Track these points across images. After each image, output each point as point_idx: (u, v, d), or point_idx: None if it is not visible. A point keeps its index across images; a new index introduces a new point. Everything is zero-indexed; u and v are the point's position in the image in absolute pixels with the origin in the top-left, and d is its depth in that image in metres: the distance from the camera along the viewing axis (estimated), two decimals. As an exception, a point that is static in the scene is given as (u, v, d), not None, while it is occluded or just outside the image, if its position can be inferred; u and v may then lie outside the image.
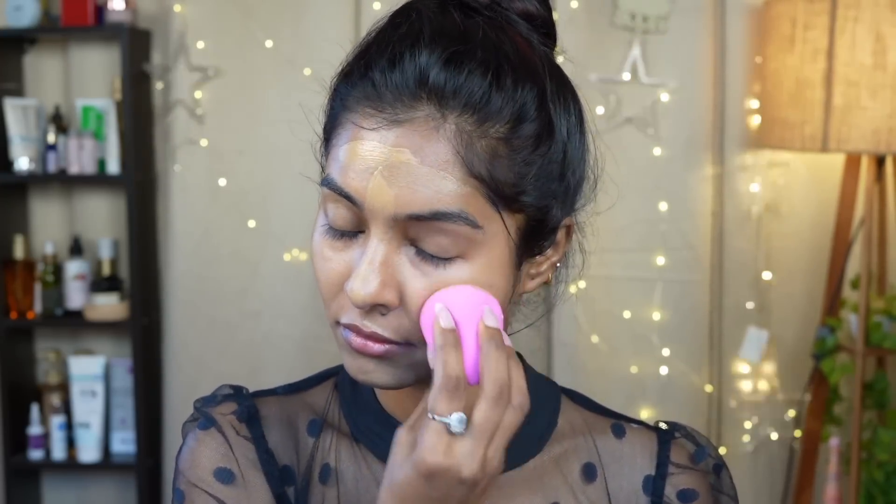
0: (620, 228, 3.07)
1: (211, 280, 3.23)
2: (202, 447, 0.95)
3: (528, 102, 0.84)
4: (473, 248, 0.83)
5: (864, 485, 2.93)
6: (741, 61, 3.05)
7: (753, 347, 3.08)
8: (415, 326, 0.84)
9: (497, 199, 0.83)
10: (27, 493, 3.43)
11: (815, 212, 3.12)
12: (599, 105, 3.04)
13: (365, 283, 0.82)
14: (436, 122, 0.81)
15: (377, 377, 0.87)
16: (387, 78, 0.83)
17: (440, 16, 0.85)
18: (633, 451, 0.97)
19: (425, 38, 0.83)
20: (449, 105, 0.82)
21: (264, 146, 3.16)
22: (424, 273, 0.83)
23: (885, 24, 2.67)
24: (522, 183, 0.85)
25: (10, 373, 3.31)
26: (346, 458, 0.95)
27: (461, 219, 0.82)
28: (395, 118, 0.82)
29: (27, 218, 3.43)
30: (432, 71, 0.82)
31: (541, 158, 0.85)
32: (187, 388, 3.22)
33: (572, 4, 3.03)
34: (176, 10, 3.17)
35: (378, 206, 0.82)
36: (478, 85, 0.82)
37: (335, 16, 3.11)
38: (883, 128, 2.67)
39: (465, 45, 0.83)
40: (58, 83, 3.39)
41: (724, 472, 0.99)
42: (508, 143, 0.83)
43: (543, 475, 0.95)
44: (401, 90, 0.82)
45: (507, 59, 0.84)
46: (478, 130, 0.82)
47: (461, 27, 0.84)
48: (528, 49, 0.87)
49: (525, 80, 0.84)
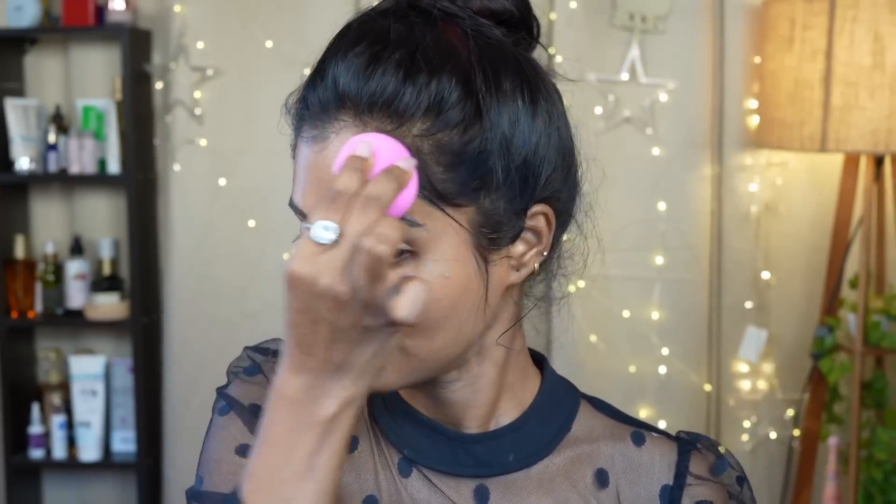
0: (619, 228, 3.08)
1: (211, 280, 3.24)
2: (247, 385, 0.98)
3: (445, 91, 0.83)
4: (421, 245, 0.83)
5: (863, 484, 2.94)
6: (740, 61, 3.05)
7: (752, 347, 3.08)
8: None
9: (432, 196, 0.83)
10: (28, 492, 3.44)
11: (813, 212, 3.12)
12: (598, 105, 3.05)
13: None
14: (357, 130, 0.83)
15: None
16: (314, 96, 0.87)
17: (368, 24, 0.87)
18: (652, 459, 0.96)
19: (343, 48, 0.86)
20: (364, 110, 0.83)
21: (264, 146, 3.17)
22: None
23: (883, 25, 2.67)
24: (456, 177, 0.84)
25: (10, 372, 3.31)
26: (369, 433, 0.96)
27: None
28: (324, 132, 0.85)
29: (28, 218, 3.43)
30: (342, 80, 0.84)
31: (473, 147, 0.85)
32: (187, 387, 3.22)
33: (571, 4, 3.04)
34: (176, 10, 3.18)
35: None
36: (388, 85, 0.83)
37: (335, 16, 3.11)
38: (881, 128, 2.68)
39: (381, 48, 0.84)
40: (58, 83, 3.39)
41: (745, 486, 0.98)
42: (432, 138, 0.83)
43: (554, 478, 0.94)
44: (325, 105, 0.85)
45: (423, 55, 0.84)
46: (398, 131, 0.83)
47: (382, 32, 0.85)
48: (455, 40, 0.86)
49: (441, 70, 0.84)
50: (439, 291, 0.84)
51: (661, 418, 3.09)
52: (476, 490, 0.93)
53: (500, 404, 0.95)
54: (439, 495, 0.93)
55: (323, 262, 0.74)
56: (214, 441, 0.95)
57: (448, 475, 0.94)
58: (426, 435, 0.94)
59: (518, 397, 0.96)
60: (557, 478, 0.95)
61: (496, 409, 0.95)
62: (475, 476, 0.94)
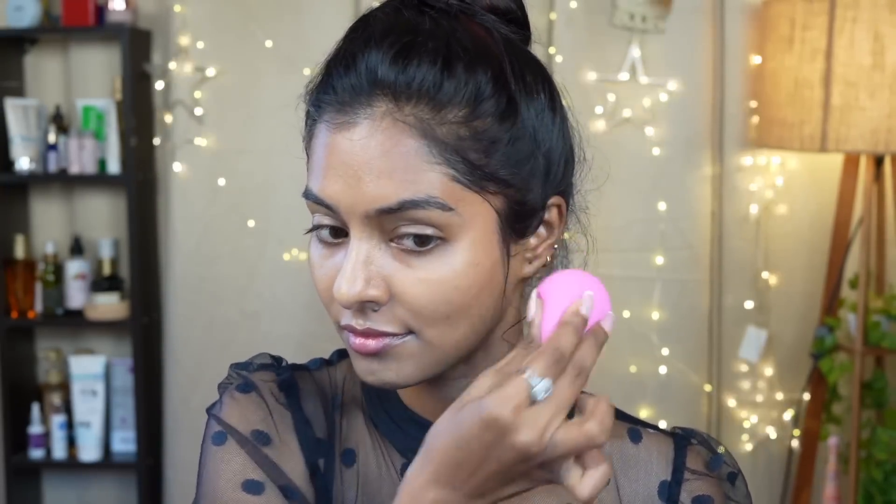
0: (620, 228, 3.08)
1: (211, 280, 3.24)
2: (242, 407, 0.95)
3: (482, 83, 0.85)
4: (452, 231, 0.84)
5: (863, 484, 2.94)
6: (740, 61, 3.05)
7: (752, 347, 3.08)
8: (410, 315, 0.85)
9: (468, 181, 0.84)
10: (28, 492, 3.44)
11: (813, 211, 3.12)
12: (598, 105, 3.05)
13: (348, 284, 0.84)
14: (393, 116, 0.83)
15: (384, 375, 0.87)
16: (343, 81, 0.85)
17: (392, 16, 0.87)
18: (650, 456, 0.97)
19: (375, 37, 0.85)
20: (402, 97, 0.83)
21: (264, 146, 3.17)
22: (408, 264, 0.84)
23: (883, 25, 2.67)
24: (491, 163, 0.85)
25: (10, 372, 3.31)
26: (368, 443, 0.96)
27: (430, 204, 0.83)
28: (354, 118, 0.84)
29: (28, 218, 3.43)
30: (381, 67, 0.84)
31: (506, 135, 0.86)
32: (187, 387, 3.22)
33: (571, 4, 3.04)
34: (176, 10, 3.18)
35: (349, 207, 0.84)
36: (428, 74, 0.83)
37: (335, 16, 3.11)
38: (881, 128, 2.68)
39: (413, 37, 0.85)
40: (58, 83, 3.39)
41: (740, 481, 0.99)
42: (469, 126, 0.84)
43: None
44: (357, 91, 0.84)
45: (458, 45, 0.85)
46: (436, 118, 0.84)
47: (411, 23, 0.86)
48: (482, 34, 0.88)
49: (477, 63, 0.85)
50: (468, 279, 0.85)
51: (662, 418, 3.08)
52: None
53: None
54: None
55: (527, 416, 0.76)
56: (215, 475, 0.93)
57: None
58: None
59: None
60: None
61: None
62: None
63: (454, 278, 0.84)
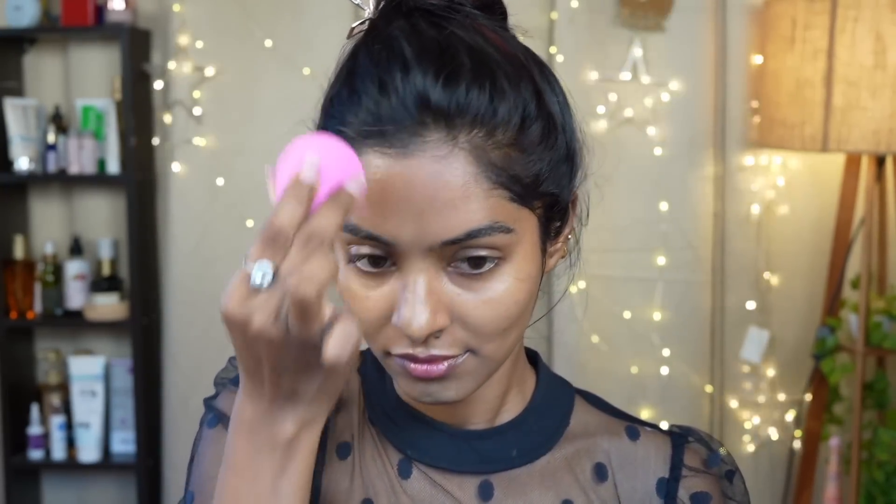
0: (621, 228, 3.07)
1: (210, 280, 3.23)
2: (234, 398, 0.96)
3: (528, 101, 0.84)
4: (509, 250, 0.84)
5: (865, 485, 2.93)
6: (741, 61, 3.05)
7: (754, 347, 3.08)
8: (471, 336, 0.85)
9: (520, 199, 0.84)
10: (27, 493, 3.43)
11: (815, 212, 3.12)
12: (600, 105, 3.04)
13: (417, 318, 0.82)
14: (448, 146, 0.80)
15: (442, 395, 0.87)
16: (383, 107, 0.81)
17: (410, 30, 0.84)
18: (648, 453, 0.98)
19: (410, 57, 0.81)
20: (456, 125, 0.80)
21: (263, 146, 3.16)
22: (468, 287, 0.84)
23: (885, 24, 2.66)
24: (539, 177, 0.85)
25: (10, 373, 3.31)
26: (366, 438, 0.96)
27: (494, 230, 0.82)
28: (406, 150, 0.80)
29: (27, 218, 3.43)
30: (432, 93, 0.80)
31: (550, 149, 0.86)
32: (187, 388, 3.22)
33: (573, 4, 3.03)
34: (175, 9, 3.17)
35: (410, 242, 0.81)
36: (480, 98, 0.81)
37: (335, 15, 3.11)
38: (883, 128, 2.67)
39: (451, 58, 0.82)
40: (58, 83, 3.39)
41: (737, 479, 1.00)
42: (518, 145, 0.83)
43: (556, 473, 0.95)
44: (402, 119, 0.80)
45: (495, 64, 0.83)
46: (489, 142, 0.82)
47: (436, 39, 0.83)
48: (505, 44, 0.86)
49: (519, 80, 0.84)
50: (523, 292, 0.85)
51: (663, 419, 3.08)
52: (480, 486, 0.94)
53: (507, 399, 0.96)
54: (442, 493, 0.93)
55: (256, 304, 0.74)
56: (204, 456, 0.95)
57: (451, 472, 0.94)
58: (428, 434, 0.94)
59: (522, 392, 0.98)
60: (559, 472, 0.95)
61: (504, 403, 0.96)
62: (479, 472, 0.94)
63: (513, 294, 0.84)
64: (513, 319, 0.85)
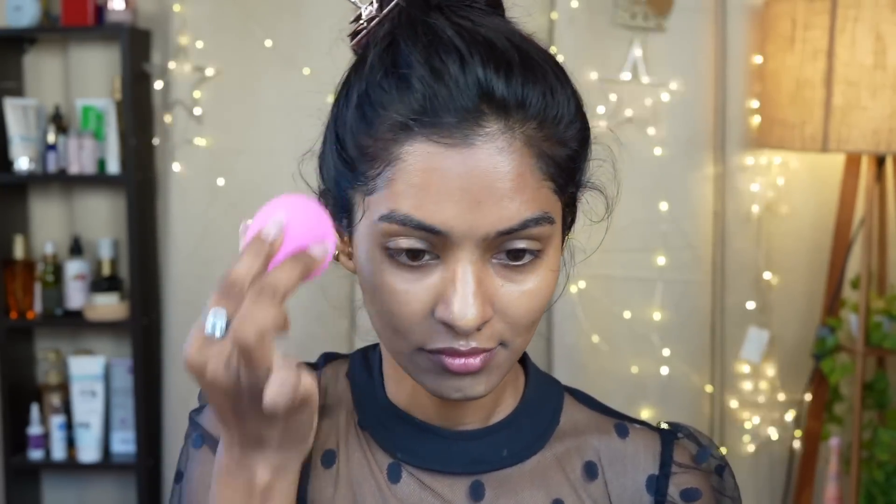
0: (621, 228, 3.07)
1: (210, 280, 3.21)
2: None
3: (570, 98, 0.86)
4: (548, 241, 0.85)
5: (865, 485, 2.93)
6: (741, 61, 3.05)
7: (754, 347, 3.08)
8: (508, 328, 0.85)
9: (560, 191, 0.86)
10: (27, 493, 3.43)
11: (815, 212, 3.11)
12: (600, 105, 3.04)
13: (470, 310, 0.82)
14: (506, 136, 0.81)
15: (474, 390, 0.87)
16: (440, 96, 0.81)
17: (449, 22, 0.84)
18: (637, 450, 0.98)
19: (463, 48, 0.82)
20: (514, 117, 0.82)
21: (263, 146, 3.16)
22: (511, 279, 0.84)
23: (885, 24, 2.66)
24: (574, 171, 0.88)
25: (10, 373, 3.30)
26: (353, 443, 0.95)
27: (545, 220, 0.83)
28: (464, 139, 0.81)
29: (27, 218, 3.42)
30: (496, 85, 0.81)
31: (584, 145, 0.88)
32: (187, 388, 3.21)
33: (573, 4, 3.03)
34: (175, 9, 3.17)
35: (464, 232, 0.82)
36: (535, 93, 0.83)
37: (335, 15, 3.10)
38: (883, 128, 2.67)
39: (503, 53, 0.82)
40: (58, 83, 3.38)
41: (727, 473, 1.00)
42: (562, 139, 0.85)
43: (546, 472, 0.95)
44: (463, 107, 0.81)
45: (541, 60, 0.85)
46: (541, 134, 0.83)
47: (482, 33, 0.83)
48: (532, 40, 0.88)
49: (559, 77, 0.86)
50: (552, 284, 0.87)
51: (663, 419, 3.07)
52: (471, 487, 0.94)
53: (502, 398, 0.96)
54: (432, 495, 0.93)
55: (210, 352, 0.76)
56: (192, 480, 0.96)
57: (442, 474, 0.94)
58: (418, 436, 0.94)
59: (514, 391, 0.97)
60: (549, 471, 0.95)
61: (498, 402, 0.96)
62: (470, 473, 0.94)
63: (547, 286, 0.86)
64: (542, 312, 0.87)
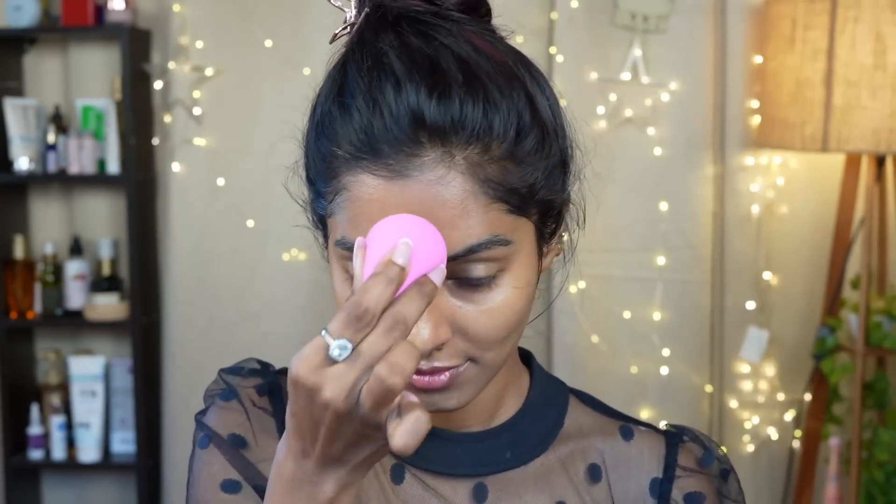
0: (621, 228, 3.07)
1: (210, 280, 3.23)
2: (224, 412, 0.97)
3: (522, 111, 0.83)
4: (508, 260, 0.84)
5: (865, 485, 2.93)
6: (741, 61, 3.05)
7: (754, 347, 3.07)
8: (472, 346, 0.85)
9: (517, 209, 0.83)
10: (27, 493, 3.43)
11: (815, 212, 3.11)
12: (600, 105, 3.03)
13: (420, 334, 0.82)
14: (444, 165, 0.80)
15: (445, 404, 0.87)
16: (375, 126, 0.80)
17: (399, 43, 0.82)
18: (641, 453, 0.97)
19: (401, 73, 0.80)
20: (452, 142, 0.80)
21: (263, 146, 3.15)
22: (469, 299, 0.84)
23: (885, 25, 2.66)
24: (535, 186, 0.85)
25: (10, 373, 3.30)
26: None
27: (493, 243, 0.82)
28: (401, 172, 0.79)
29: (27, 218, 3.42)
30: (426, 110, 0.79)
31: (545, 157, 0.85)
32: (187, 388, 3.22)
33: (572, 4, 3.03)
34: (175, 9, 3.17)
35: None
36: (475, 113, 0.80)
37: (335, 16, 3.10)
38: (883, 128, 2.67)
39: (443, 73, 0.80)
40: (58, 83, 3.39)
41: (732, 477, 0.99)
42: (514, 157, 0.83)
43: (550, 474, 0.95)
44: (397, 137, 0.79)
45: (487, 75, 0.82)
46: (485, 156, 0.81)
47: (427, 53, 0.81)
48: (495, 51, 0.85)
49: (511, 90, 0.83)
50: (523, 299, 0.85)
51: (663, 419, 3.08)
52: (474, 489, 0.93)
53: (504, 400, 0.96)
54: (435, 497, 0.93)
55: (329, 374, 0.73)
56: (199, 479, 0.95)
57: (445, 476, 0.94)
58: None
59: (517, 393, 0.97)
60: (553, 473, 0.95)
61: (500, 405, 0.96)
62: (473, 475, 0.94)
63: (513, 303, 0.84)
64: (512, 327, 0.85)
